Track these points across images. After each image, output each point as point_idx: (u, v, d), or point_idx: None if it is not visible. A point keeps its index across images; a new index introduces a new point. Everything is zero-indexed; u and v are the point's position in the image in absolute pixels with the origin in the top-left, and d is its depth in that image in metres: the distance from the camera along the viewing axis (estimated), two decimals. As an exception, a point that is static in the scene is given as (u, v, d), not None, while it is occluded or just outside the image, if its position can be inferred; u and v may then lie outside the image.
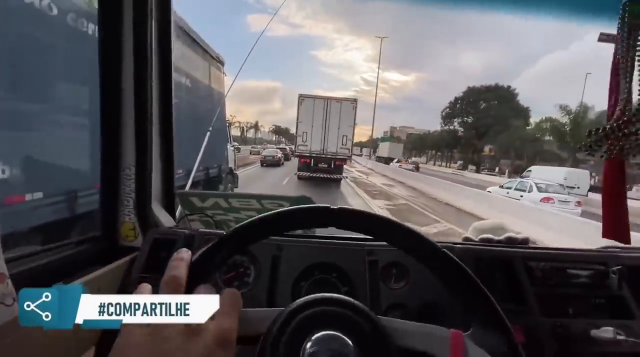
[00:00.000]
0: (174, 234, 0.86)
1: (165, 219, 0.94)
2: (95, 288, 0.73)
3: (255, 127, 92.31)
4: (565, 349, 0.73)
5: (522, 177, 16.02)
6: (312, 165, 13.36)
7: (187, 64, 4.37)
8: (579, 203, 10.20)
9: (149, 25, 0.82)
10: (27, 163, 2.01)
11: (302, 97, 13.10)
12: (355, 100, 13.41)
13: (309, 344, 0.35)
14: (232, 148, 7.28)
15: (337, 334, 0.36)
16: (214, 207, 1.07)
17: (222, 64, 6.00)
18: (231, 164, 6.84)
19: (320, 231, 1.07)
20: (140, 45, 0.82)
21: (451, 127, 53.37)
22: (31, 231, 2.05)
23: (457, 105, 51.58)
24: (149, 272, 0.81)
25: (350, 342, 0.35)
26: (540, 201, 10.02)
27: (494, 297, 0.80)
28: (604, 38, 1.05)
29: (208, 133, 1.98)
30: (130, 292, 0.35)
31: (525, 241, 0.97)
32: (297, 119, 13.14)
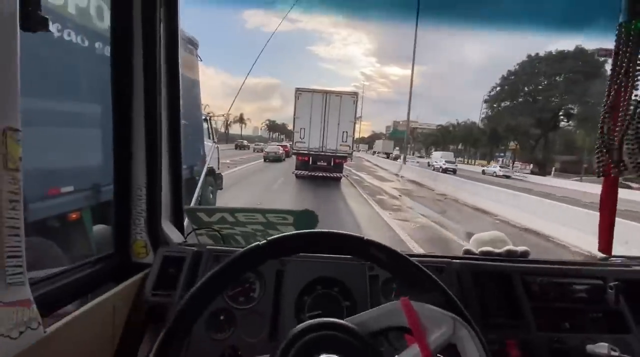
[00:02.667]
0: (182, 252, 0.90)
1: (174, 236, 0.98)
2: (111, 305, 0.76)
3: (241, 120, 73.73)
4: None
5: (429, 157, 35.07)
6: (310, 163, 12.56)
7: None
8: (417, 162, 35.53)
9: (158, 50, 0.87)
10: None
11: (299, 91, 12.16)
12: (355, 94, 12.58)
13: None
14: (215, 145, 6.21)
15: (333, 356, 0.40)
16: (221, 222, 1.10)
17: (195, 46, 5.04)
18: (212, 164, 5.85)
19: None
20: (150, 71, 0.86)
21: (490, 113, 40.91)
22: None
23: (509, 84, 37.79)
24: (160, 289, 0.84)
25: None
26: (411, 163, 30.00)
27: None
28: (602, 53, 1.09)
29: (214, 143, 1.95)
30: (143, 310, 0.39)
31: (524, 254, 1.00)
32: (294, 115, 12.26)
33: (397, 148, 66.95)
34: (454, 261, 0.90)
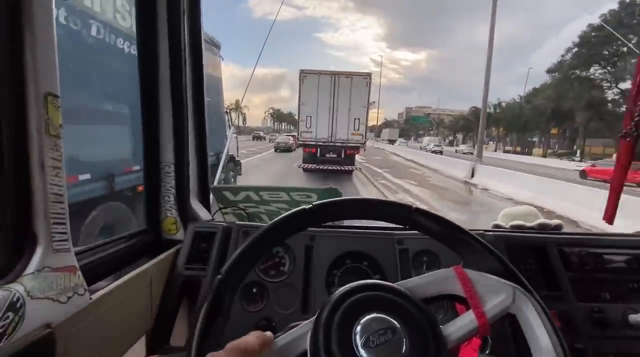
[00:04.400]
0: (212, 227, 0.91)
1: (202, 213, 0.99)
2: (148, 278, 0.78)
3: (237, 107, 57.63)
4: (602, 333, 0.74)
5: (420, 141, 53.48)
6: (318, 155, 11.09)
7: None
8: (406, 144, 47.93)
9: (182, 32, 0.87)
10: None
11: (304, 74, 10.46)
12: (369, 75, 10.54)
13: (358, 327, 0.38)
14: (235, 135, 6.95)
15: (383, 316, 0.39)
16: (246, 200, 1.10)
17: (218, 47, 5.69)
18: (232, 152, 6.64)
19: (349, 221, 1.10)
20: (175, 57, 0.86)
21: (555, 85, 30.04)
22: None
23: (589, 46, 26.65)
24: (192, 263, 0.86)
25: (395, 322, 0.38)
26: (399, 144, 44.84)
27: (528, 283, 0.81)
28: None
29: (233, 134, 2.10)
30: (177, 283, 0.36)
31: (558, 227, 0.97)
32: (299, 101, 10.62)
33: (402, 137, 69.53)
34: (487, 233, 0.88)
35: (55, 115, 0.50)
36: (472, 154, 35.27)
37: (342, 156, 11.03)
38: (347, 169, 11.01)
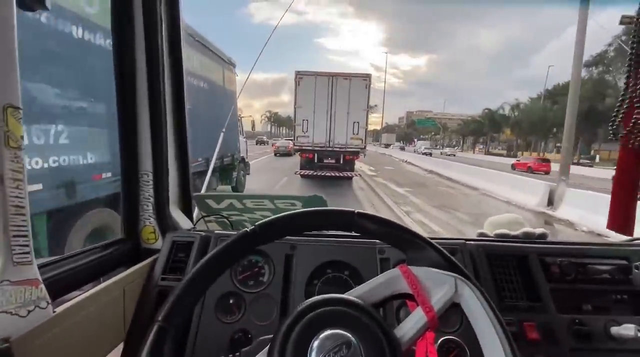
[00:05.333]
0: (191, 236, 0.90)
1: (183, 222, 0.98)
2: (121, 289, 0.77)
3: None
4: (583, 346, 0.72)
5: (414, 145, 55.49)
6: (316, 161, 10.53)
7: (204, 70, 5.42)
8: (401, 148, 53.40)
9: (160, 39, 0.86)
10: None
11: (299, 75, 9.98)
12: (368, 76, 10.11)
13: (314, 351, 0.38)
14: (244, 139, 8.15)
15: (337, 331, 0.39)
16: (229, 208, 1.10)
17: (234, 66, 7.08)
18: (243, 154, 7.81)
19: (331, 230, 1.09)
20: (153, 58, 0.86)
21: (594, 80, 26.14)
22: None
23: None
24: (169, 273, 0.85)
25: (350, 335, 0.39)
26: (392, 148, 54.33)
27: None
28: (626, 21, 1.01)
29: (222, 132, 2.21)
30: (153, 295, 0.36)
31: (542, 236, 0.95)
32: (295, 104, 10.13)
33: (401, 141, 75.70)
34: (469, 242, 0.87)
35: (16, 128, 0.49)
36: (454, 155, 36.94)
37: (341, 162, 10.55)
38: (346, 175, 10.52)
